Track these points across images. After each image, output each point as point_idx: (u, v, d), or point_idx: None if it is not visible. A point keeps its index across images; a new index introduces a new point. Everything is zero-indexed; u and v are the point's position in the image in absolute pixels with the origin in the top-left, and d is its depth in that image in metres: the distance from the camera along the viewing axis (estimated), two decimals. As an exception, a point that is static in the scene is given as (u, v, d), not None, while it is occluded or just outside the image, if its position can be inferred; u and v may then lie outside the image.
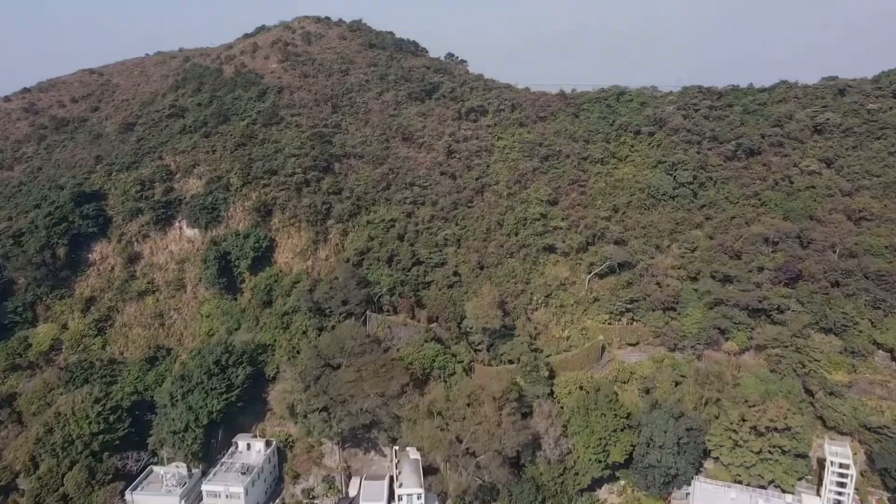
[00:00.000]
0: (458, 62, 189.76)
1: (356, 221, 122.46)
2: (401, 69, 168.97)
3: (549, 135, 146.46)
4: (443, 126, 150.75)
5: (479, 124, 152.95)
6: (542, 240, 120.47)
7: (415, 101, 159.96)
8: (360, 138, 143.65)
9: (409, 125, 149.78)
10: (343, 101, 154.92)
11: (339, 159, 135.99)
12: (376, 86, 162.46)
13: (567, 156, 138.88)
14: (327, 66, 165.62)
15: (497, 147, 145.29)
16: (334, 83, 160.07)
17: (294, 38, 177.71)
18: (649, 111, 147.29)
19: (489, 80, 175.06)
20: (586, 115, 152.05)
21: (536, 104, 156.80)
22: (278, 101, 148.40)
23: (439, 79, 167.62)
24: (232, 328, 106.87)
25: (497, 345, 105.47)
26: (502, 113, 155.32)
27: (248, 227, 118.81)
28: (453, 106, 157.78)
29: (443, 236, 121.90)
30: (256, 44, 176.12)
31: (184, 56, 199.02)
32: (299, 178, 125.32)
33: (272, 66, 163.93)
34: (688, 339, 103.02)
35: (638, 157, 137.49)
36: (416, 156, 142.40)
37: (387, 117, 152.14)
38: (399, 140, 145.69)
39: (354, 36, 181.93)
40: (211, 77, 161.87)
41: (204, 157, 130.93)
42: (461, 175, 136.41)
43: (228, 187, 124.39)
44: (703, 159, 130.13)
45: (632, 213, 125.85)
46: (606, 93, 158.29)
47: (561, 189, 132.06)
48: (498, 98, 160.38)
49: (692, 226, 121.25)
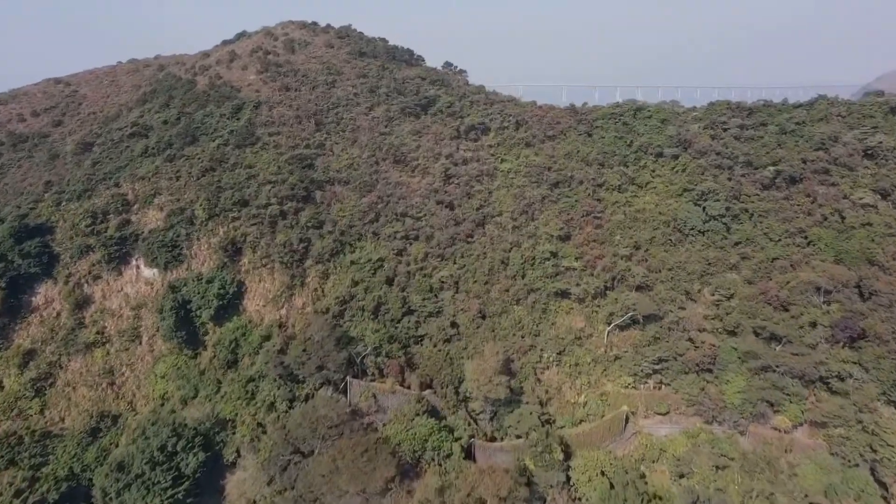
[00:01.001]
0: (457, 72, 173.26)
1: (338, 262, 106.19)
2: (393, 81, 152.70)
3: (558, 157, 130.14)
4: (439, 146, 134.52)
5: (480, 144, 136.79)
6: (553, 283, 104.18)
7: (408, 116, 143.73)
8: (347, 160, 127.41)
9: (402, 145, 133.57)
10: (328, 118, 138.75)
11: (322, 186, 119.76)
12: (366, 99, 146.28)
13: (580, 182, 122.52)
14: (312, 77, 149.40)
15: (500, 171, 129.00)
16: (319, 97, 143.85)
17: (276, 46, 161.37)
18: (672, 130, 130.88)
19: (491, 93, 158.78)
20: (600, 133, 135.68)
21: (544, 121, 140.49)
22: (255, 118, 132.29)
23: (436, 91, 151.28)
24: (188, 396, 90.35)
25: (501, 414, 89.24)
26: (506, 131, 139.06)
27: (214, 269, 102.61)
28: (451, 123, 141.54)
29: (438, 278, 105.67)
30: (234, 52, 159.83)
31: (158, 64, 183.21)
32: (274, 209, 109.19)
33: (250, 78, 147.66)
34: (729, 410, 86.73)
35: (661, 183, 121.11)
36: (408, 181, 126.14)
37: (377, 136, 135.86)
38: (390, 162, 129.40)
39: (343, 44, 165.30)
40: (182, 90, 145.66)
41: (166, 184, 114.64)
42: (460, 204, 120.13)
43: (192, 221, 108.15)
44: (737, 188, 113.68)
45: (656, 250, 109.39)
46: (621, 108, 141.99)
47: (573, 221, 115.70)
48: (501, 114, 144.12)
49: (726, 267, 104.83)
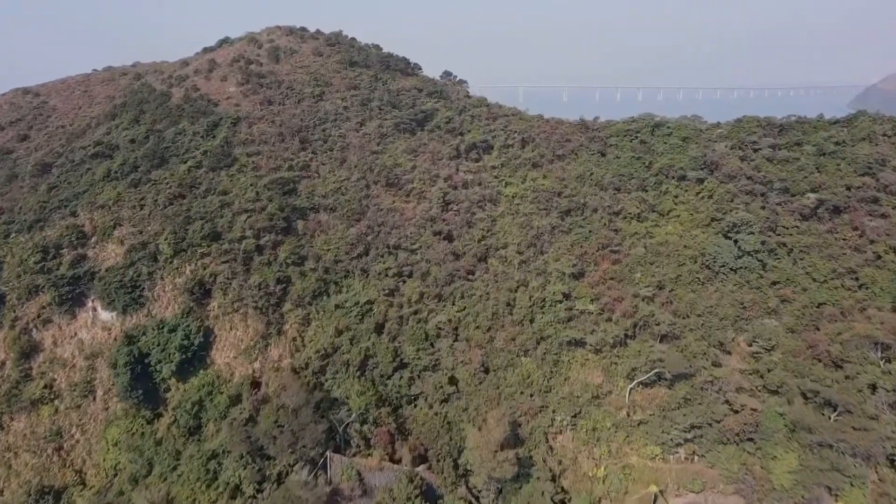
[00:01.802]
0: (457, 82, 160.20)
1: (321, 305, 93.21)
2: (387, 93, 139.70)
3: (569, 180, 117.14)
4: (437, 167, 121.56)
5: (482, 164, 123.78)
6: (566, 331, 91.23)
7: (403, 133, 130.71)
8: (334, 184, 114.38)
9: (396, 165, 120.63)
10: (314, 135, 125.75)
11: (305, 214, 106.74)
12: (357, 114, 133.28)
13: (594, 210, 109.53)
14: (297, 89, 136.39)
15: (505, 195, 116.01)
16: (305, 111, 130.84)
17: (259, 54, 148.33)
18: (695, 149, 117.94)
19: (493, 106, 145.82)
20: (615, 153, 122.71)
21: (552, 138, 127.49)
22: (232, 136, 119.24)
23: (433, 105, 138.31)
24: (140, 473, 77.11)
25: (508, 491, 76.32)
26: (510, 149, 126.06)
27: (178, 315, 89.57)
28: (450, 140, 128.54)
29: (435, 324, 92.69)
30: (214, 61, 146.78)
31: (135, 73, 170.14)
32: (249, 243, 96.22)
33: (229, 90, 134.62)
34: (777, 492, 73.78)
35: (685, 211, 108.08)
36: (402, 207, 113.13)
37: (368, 155, 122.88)
38: (382, 185, 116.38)
39: (332, 51, 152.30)
40: (154, 104, 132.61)
41: (128, 214, 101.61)
42: (459, 235, 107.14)
43: (156, 257, 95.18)
44: (773, 218, 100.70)
45: (682, 291, 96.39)
46: (638, 123, 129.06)
47: (588, 256, 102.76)
48: (505, 130, 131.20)
49: (764, 311, 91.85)
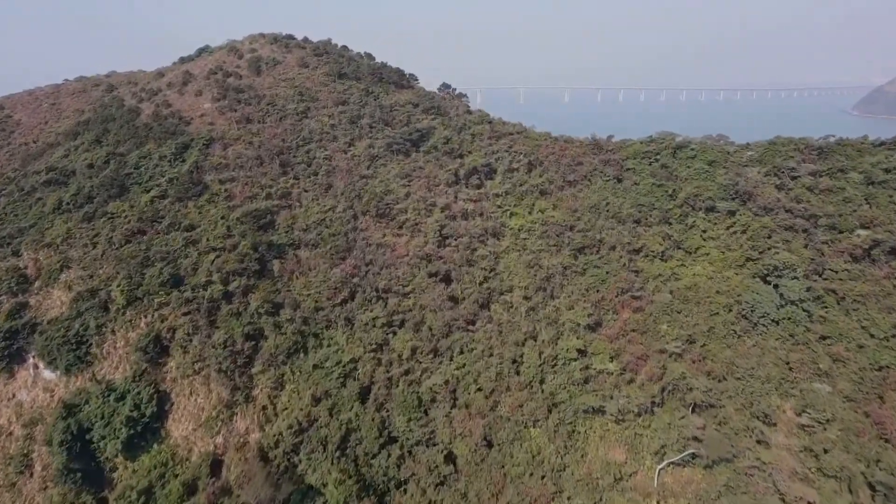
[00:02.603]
0: (456, 95, 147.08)
1: (297, 365, 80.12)
2: (379, 109, 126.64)
3: (582, 211, 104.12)
4: (433, 194, 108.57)
5: (484, 192, 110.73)
6: (583, 396, 78.21)
7: (396, 154, 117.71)
8: (317, 214, 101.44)
9: (387, 192, 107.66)
10: (297, 157, 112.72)
11: (283, 251, 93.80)
12: (345, 133, 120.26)
13: (612, 247, 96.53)
14: (280, 105, 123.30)
15: (510, 228, 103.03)
16: (287, 130, 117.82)
17: (239, 65, 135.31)
18: (723, 175, 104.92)
19: (496, 122, 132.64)
20: (633, 177, 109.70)
21: (562, 161, 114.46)
22: (203, 159, 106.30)
23: (430, 122, 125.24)
24: (71, 583, 64.47)
25: None
26: (516, 174, 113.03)
27: (128, 378, 76.65)
28: (448, 163, 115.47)
29: (429, 387, 79.62)
30: (189, 73, 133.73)
31: (108, 84, 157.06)
32: (216, 290, 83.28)
33: (204, 107, 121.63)
34: None
35: (715, 249, 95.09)
36: (394, 241, 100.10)
37: (356, 180, 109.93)
38: (372, 216, 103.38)
39: (320, 62, 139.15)
40: (121, 121, 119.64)
41: (79, 254, 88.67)
42: (459, 276, 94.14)
43: (107, 306, 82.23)
44: (819, 260, 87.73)
45: (716, 345, 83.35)
46: (657, 144, 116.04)
47: (605, 302, 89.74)
48: (509, 151, 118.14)
49: (814, 372, 78.82)
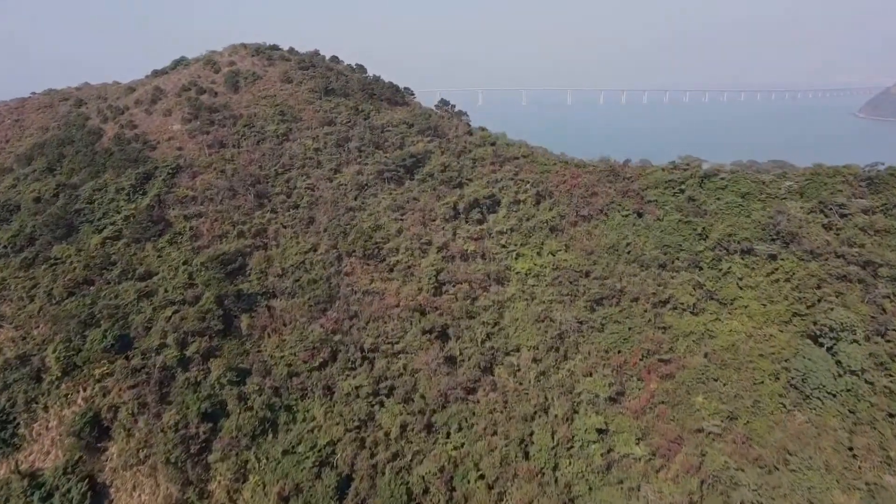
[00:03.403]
0: (455, 113, 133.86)
1: (264, 449, 67.23)
2: (369, 130, 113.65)
3: (599, 252, 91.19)
4: (429, 231, 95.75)
5: (487, 228, 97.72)
6: (606, 490, 65.30)
7: (388, 182, 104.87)
8: (296, 256, 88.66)
9: (377, 228, 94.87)
10: (276, 186, 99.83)
11: (254, 302, 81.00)
12: (330, 157, 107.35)
13: (635, 298, 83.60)
14: (258, 126, 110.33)
15: (515, 273, 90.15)
16: (266, 156, 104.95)
17: (215, 81, 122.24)
18: (760, 211, 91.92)
19: (499, 144, 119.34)
20: (656, 211, 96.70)
21: (574, 191, 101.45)
22: (167, 191, 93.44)
23: (426, 145, 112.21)
24: None
25: None
26: (522, 207, 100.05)
27: (59, 468, 63.82)
28: (447, 194, 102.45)
29: (421, 475, 66.79)
30: (160, 89, 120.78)
31: (77, 98, 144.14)
32: (171, 356, 70.55)
33: (173, 129, 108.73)
34: None
35: (754, 301, 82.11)
36: (383, 288, 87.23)
37: (342, 213, 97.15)
38: (358, 257, 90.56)
39: (305, 77, 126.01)
40: (80, 144, 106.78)
41: (11, 309, 75.80)
42: (457, 332, 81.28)
43: (40, 376, 69.50)
44: (882, 319, 74.71)
45: (762, 424, 70.41)
46: (680, 171, 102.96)
47: (629, 366, 76.82)
48: (514, 179, 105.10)
49: (882, 461, 65.91)
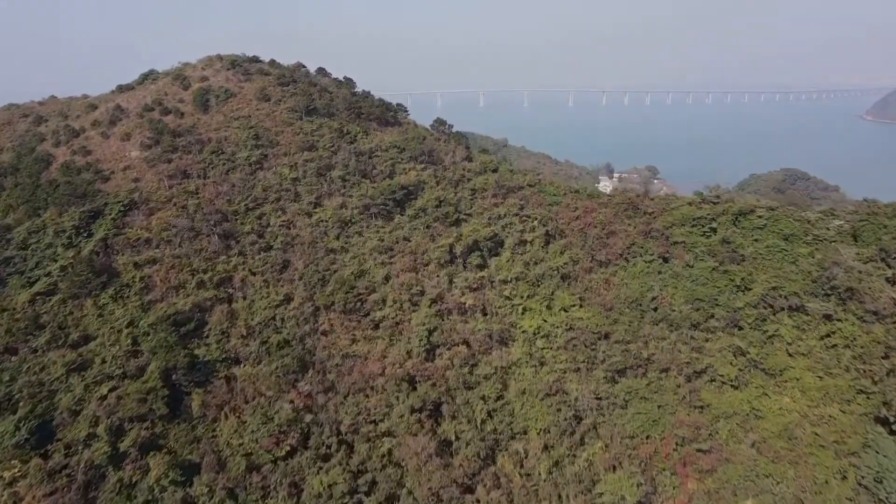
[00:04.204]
0: (452, 135, 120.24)
1: (211, 575, 54.43)
2: (355, 156, 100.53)
3: (620, 307, 78.13)
4: (419, 279, 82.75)
5: (488, 275, 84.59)
6: None
7: (375, 218, 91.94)
8: (265, 311, 75.70)
9: (361, 275, 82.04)
10: (246, 224, 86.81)
11: (210, 373, 68.08)
12: (310, 188, 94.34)
13: (664, 369, 70.57)
14: (229, 152, 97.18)
15: (521, 332, 77.11)
16: (236, 187, 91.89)
17: (183, 99, 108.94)
18: (808, 258, 78.69)
19: (503, 171, 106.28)
20: (684, 255, 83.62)
21: (588, 230, 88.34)
22: (117, 233, 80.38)
23: (419, 174, 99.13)
24: None
25: None
26: (529, 249, 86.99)
27: None
28: (442, 232, 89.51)
29: None
30: (121, 108, 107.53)
31: (36, 116, 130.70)
32: (101, 451, 57.63)
33: (131, 156, 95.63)
34: None
35: (808, 372, 69.06)
36: (366, 351, 74.26)
37: (321, 256, 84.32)
38: (338, 312, 77.62)
39: (285, 93, 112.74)
40: (24, 174, 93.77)
41: (-84, 388, 62.88)
42: (453, 410, 68.24)
43: (-60, 478, 56.56)
44: (965, 403, 61.77)
45: (825, 536, 57.61)
46: (710, 206, 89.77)
47: (659, 458, 63.86)
48: (519, 214, 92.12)
49: (978, 592, 53.04)
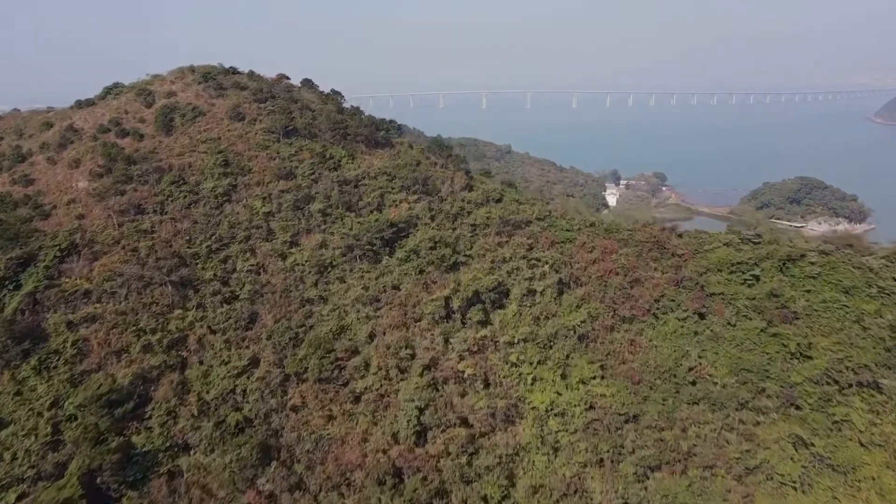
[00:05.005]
0: (452, 157, 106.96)
1: None
2: (336, 187, 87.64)
3: (650, 379, 65.28)
4: (412, 336, 69.94)
5: (491, 333, 71.58)
6: None
7: (360, 260, 79.12)
8: (224, 382, 63.00)
9: (340, 332, 69.35)
10: (208, 270, 73.91)
11: (153, 466, 55.33)
12: (286, 225, 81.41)
13: (708, 466, 57.72)
14: (191, 182, 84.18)
15: (531, 408, 64.22)
16: (198, 225, 78.95)
17: (145, 118, 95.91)
18: (874, 316, 65.91)
19: (508, 199, 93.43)
20: (724, 310, 70.78)
21: (609, 277, 75.48)
22: (51, 285, 67.49)
23: (410, 207, 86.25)
24: None
25: None
26: (539, 301, 74.04)
27: None
28: (437, 279, 76.58)
29: None
30: (74, 129, 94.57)
31: None
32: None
33: (78, 186, 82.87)
34: None
35: (886, 469, 56.20)
36: (343, 434, 61.46)
37: (295, 308, 71.61)
38: (312, 382, 64.82)
39: (261, 111, 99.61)
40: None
41: None
42: (447, 516, 55.49)
43: None
44: None
45: None
46: (750, 250, 77.03)
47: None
48: (527, 257, 79.19)
49: None
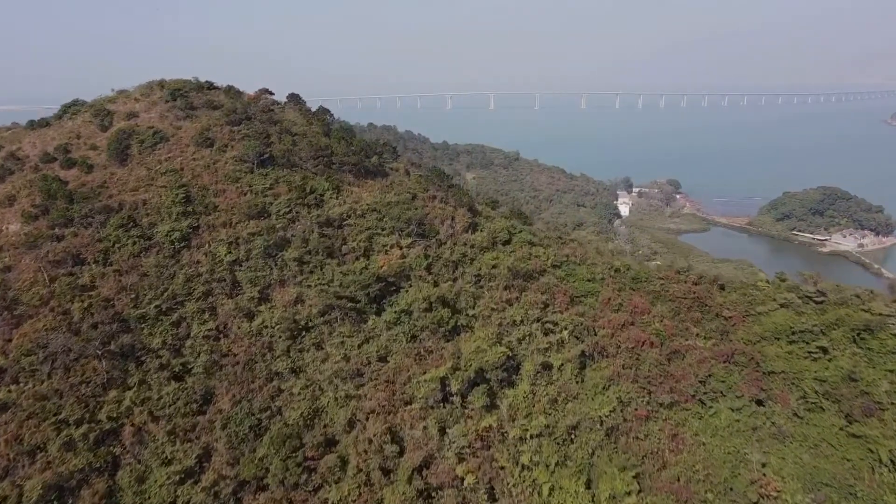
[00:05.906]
0: (451, 189, 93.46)
1: None
2: (316, 227, 74.25)
3: (699, 490, 51.94)
4: (400, 424, 56.68)
5: (498, 422, 58.00)
6: None
7: (341, 323, 65.93)
8: (161, 493, 49.93)
9: (314, 416, 56.26)
10: (155, 336, 60.62)
11: None
12: (254, 276, 68.23)
13: None
14: (144, 224, 71.07)
15: (549, 529, 51.07)
16: (147, 278, 65.68)
17: (97, 144, 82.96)
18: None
19: (518, 241, 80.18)
20: (788, 395, 57.38)
21: (641, 349, 62.26)
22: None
23: (403, 254, 72.94)
24: None
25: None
26: (556, 380, 60.52)
27: None
28: (432, 348, 63.30)
29: None
30: (16, 158, 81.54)
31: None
32: None
33: (9, 230, 69.92)
34: None
35: None
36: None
37: (260, 385, 58.50)
38: (273, 491, 51.61)
39: (233, 136, 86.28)
40: None
41: None
42: None
43: None
44: None
45: None
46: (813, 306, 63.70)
47: None
48: (541, 321, 65.85)
49: None
